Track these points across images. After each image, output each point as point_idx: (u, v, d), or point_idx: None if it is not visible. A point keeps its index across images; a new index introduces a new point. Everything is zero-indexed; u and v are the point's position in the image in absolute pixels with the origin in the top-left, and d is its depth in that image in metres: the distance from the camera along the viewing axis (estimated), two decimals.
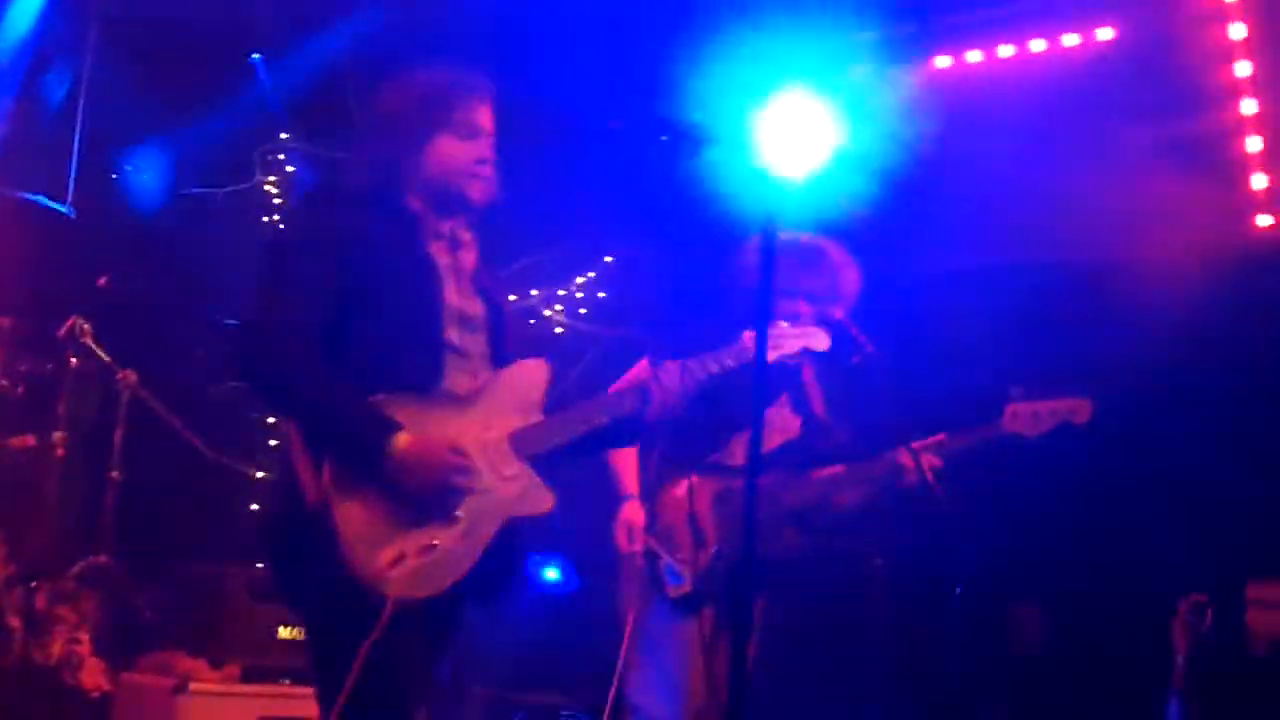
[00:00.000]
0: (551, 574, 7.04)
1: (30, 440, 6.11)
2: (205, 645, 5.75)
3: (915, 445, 4.56)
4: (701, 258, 5.21)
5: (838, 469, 4.67)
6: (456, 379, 3.45)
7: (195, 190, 7.67)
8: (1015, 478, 5.45)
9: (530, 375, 3.58)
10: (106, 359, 6.23)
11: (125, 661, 5.79)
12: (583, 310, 7.86)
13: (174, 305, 7.39)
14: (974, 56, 6.74)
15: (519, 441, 3.48)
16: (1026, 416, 4.57)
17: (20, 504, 6.04)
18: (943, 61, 6.81)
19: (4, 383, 6.08)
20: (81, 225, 7.15)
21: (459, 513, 3.34)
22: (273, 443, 7.77)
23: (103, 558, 5.99)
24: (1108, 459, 5.63)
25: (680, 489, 4.52)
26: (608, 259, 7.80)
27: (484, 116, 3.55)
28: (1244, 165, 6.08)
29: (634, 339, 3.62)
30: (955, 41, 6.76)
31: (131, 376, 6.27)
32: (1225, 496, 5.70)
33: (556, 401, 3.60)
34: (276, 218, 8.02)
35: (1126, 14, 6.33)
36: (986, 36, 6.69)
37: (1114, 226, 6.04)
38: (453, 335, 3.46)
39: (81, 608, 5.73)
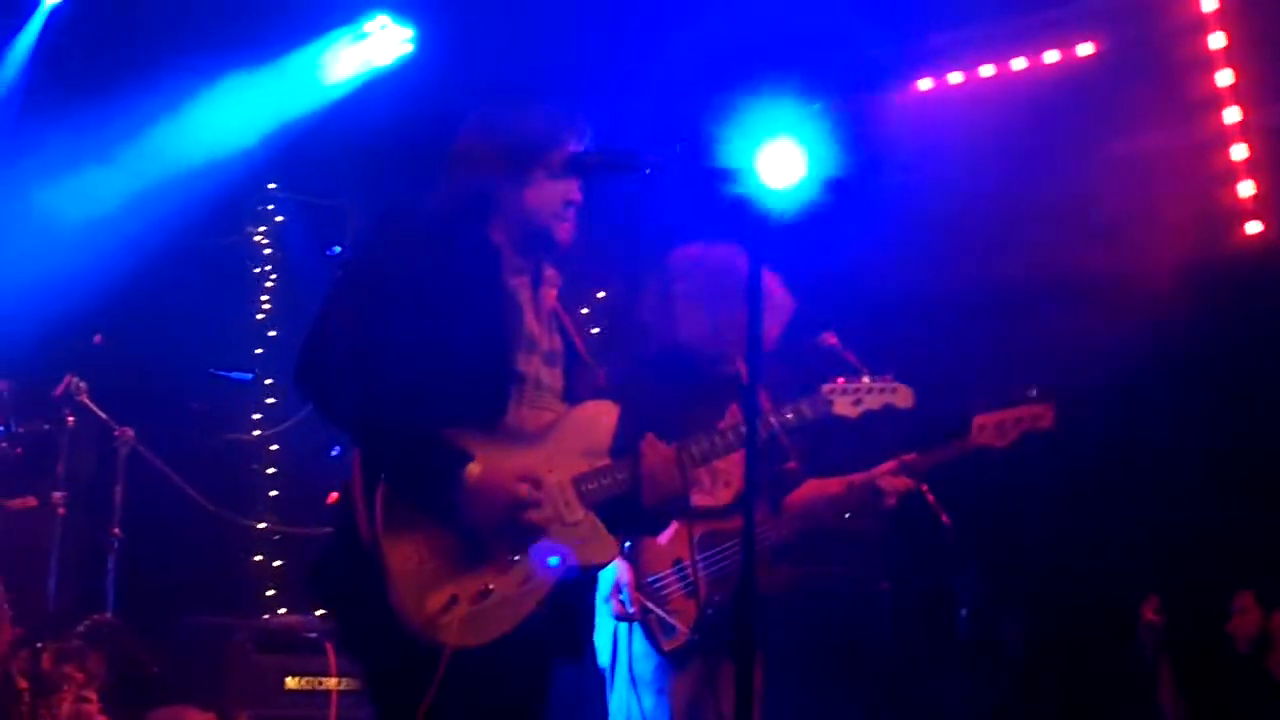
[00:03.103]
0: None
1: (31, 501, 6.06)
2: (213, 698, 5.73)
3: (884, 468, 4.44)
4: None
5: (812, 501, 4.49)
6: (526, 414, 3.33)
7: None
8: (989, 489, 5.38)
9: (599, 416, 3.45)
10: (103, 416, 6.20)
11: (134, 717, 5.74)
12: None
13: (167, 359, 7.36)
14: (955, 78, 6.79)
15: (583, 486, 3.34)
16: (993, 428, 4.46)
17: (23, 565, 6.00)
18: (925, 84, 6.85)
19: (2, 445, 6.05)
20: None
21: (517, 557, 3.18)
22: (272, 494, 7.75)
23: (107, 615, 5.94)
24: (1075, 464, 5.65)
25: (663, 537, 4.32)
26: (600, 294, 7.70)
27: None
28: (1231, 173, 6.10)
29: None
30: (936, 64, 6.81)
31: (129, 433, 6.22)
32: (1192, 505, 5.73)
33: (624, 445, 3.45)
34: (268, 268, 8.03)
35: (1106, 29, 6.37)
36: (967, 57, 6.73)
37: (1098, 238, 6.05)
38: (528, 366, 3.35)
39: (88, 666, 5.69)
